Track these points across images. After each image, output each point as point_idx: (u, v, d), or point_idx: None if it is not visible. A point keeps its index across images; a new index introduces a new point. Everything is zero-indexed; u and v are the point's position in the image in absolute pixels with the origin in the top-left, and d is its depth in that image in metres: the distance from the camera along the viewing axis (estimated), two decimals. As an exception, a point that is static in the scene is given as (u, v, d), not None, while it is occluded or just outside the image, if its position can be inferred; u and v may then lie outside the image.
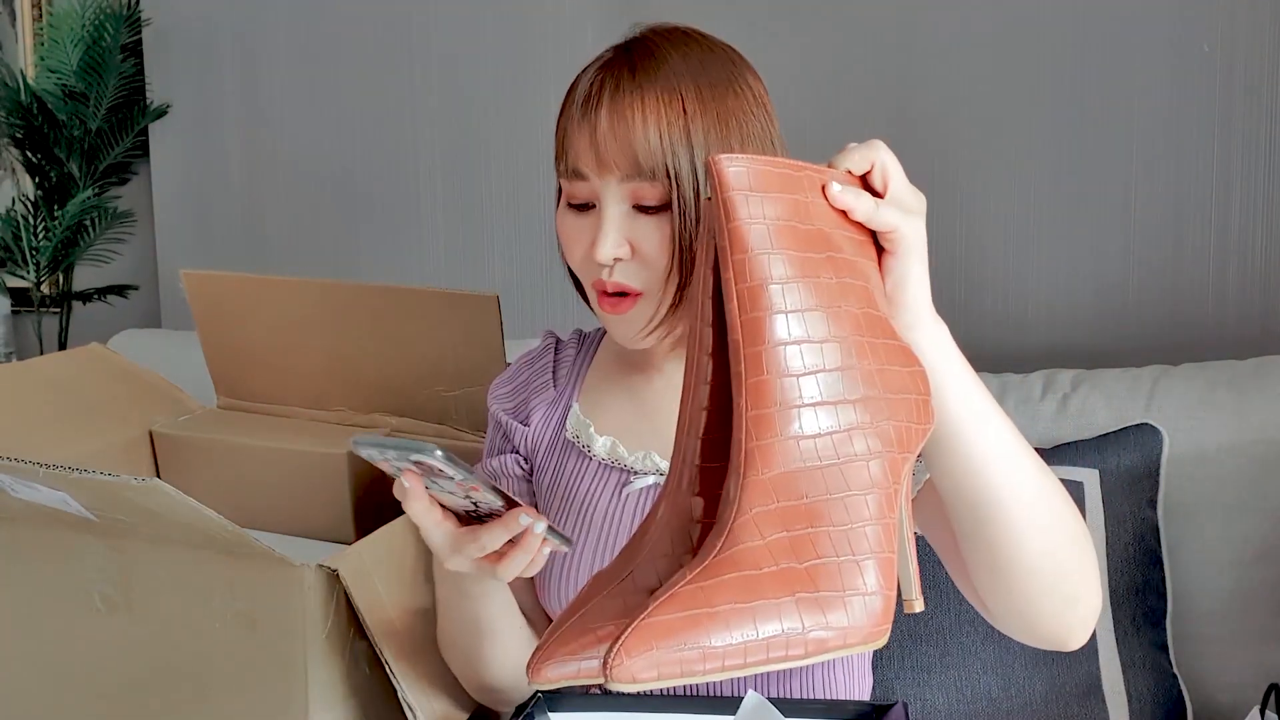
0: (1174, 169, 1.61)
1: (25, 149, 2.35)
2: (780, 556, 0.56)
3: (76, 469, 0.87)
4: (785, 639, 0.55)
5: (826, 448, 0.58)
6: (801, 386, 0.58)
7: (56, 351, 2.25)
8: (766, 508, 0.57)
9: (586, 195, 0.88)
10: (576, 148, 0.87)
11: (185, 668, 0.99)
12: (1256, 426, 1.34)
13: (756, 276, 0.58)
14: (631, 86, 0.86)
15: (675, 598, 0.54)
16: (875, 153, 0.68)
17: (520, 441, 1.02)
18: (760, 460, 0.57)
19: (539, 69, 2.00)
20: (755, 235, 0.59)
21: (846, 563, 0.57)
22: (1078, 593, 0.77)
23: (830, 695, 0.97)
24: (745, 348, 0.58)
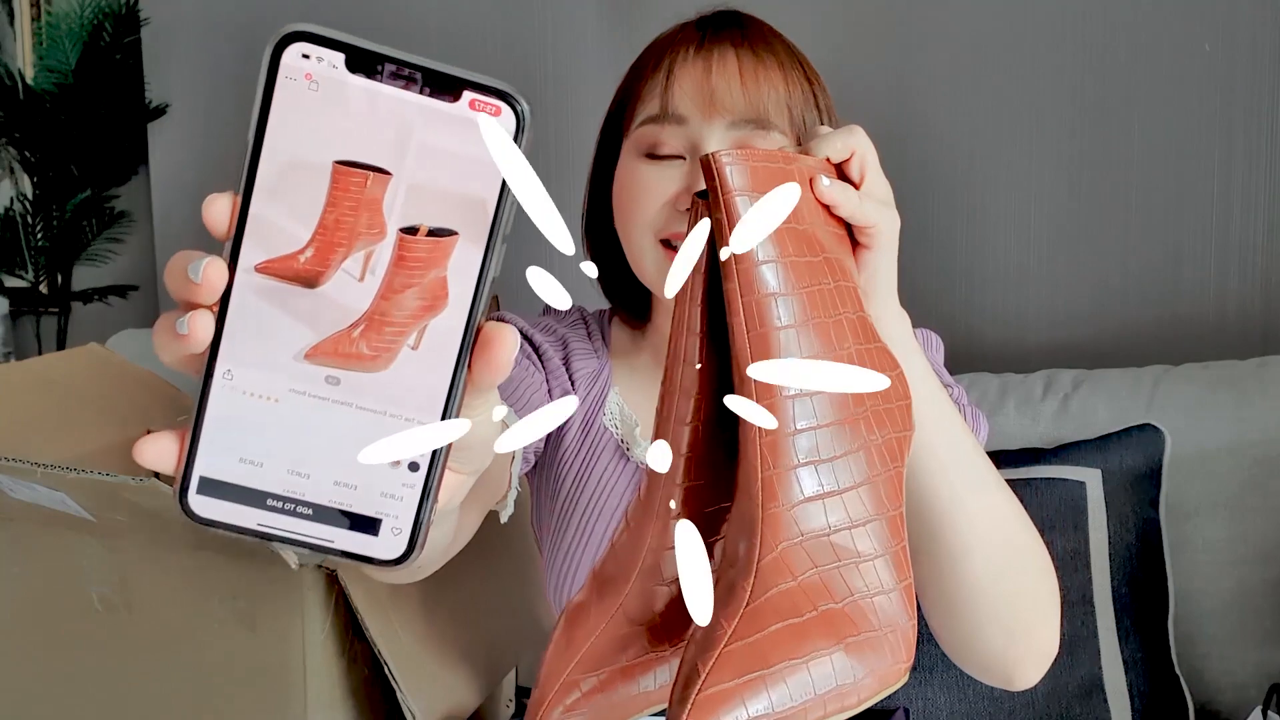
0: (1174, 169, 1.61)
1: (24, 148, 2.35)
2: (816, 598, 0.53)
3: (75, 469, 0.87)
4: (839, 691, 0.52)
5: (829, 476, 0.54)
6: (804, 409, 0.54)
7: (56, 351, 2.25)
8: (791, 542, 0.53)
9: (678, 143, 0.83)
10: (682, 88, 0.83)
11: (184, 668, 0.99)
12: (1257, 426, 1.34)
13: (764, 289, 0.54)
14: (760, 36, 0.84)
15: (726, 660, 0.50)
16: (854, 139, 0.63)
17: (560, 395, 0.92)
18: (779, 490, 0.53)
19: (539, 69, 2.00)
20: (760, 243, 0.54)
21: (877, 597, 0.54)
22: (1027, 626, 0.72)
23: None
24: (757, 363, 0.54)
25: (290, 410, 0.40)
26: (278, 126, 0.39)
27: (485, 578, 1.12)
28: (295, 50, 0.40)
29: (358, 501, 0.41)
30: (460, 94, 0.39)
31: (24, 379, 1.38)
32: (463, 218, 0.40)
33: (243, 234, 0.39)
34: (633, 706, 0.58)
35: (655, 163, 0.84)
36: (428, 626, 1.03)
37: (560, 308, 0.44)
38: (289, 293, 0.39)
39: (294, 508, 0.41)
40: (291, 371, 0.40)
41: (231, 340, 0.40)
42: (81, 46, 2.31)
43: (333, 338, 0.40)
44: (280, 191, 0.39)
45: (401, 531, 0.41)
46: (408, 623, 1.01)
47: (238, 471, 0.40)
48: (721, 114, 0.82)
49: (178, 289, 0.40)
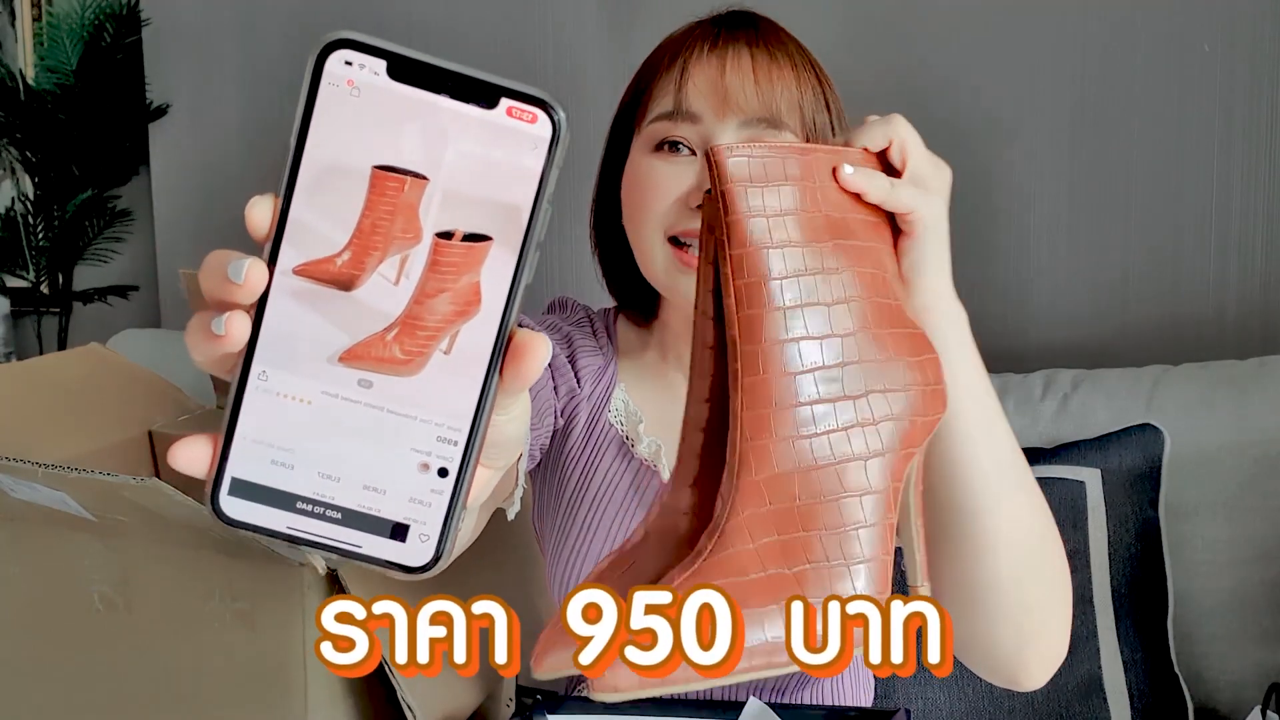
0: (1174, 169, 1.61)
1: (25, 148, 2.35)
2: (770, 562, 0.55)
3: (76, 469, 0.87)
4: (768, 648, 0.54)
5: (823, 448, 0.57)
6: (799, 385, 0.56)
7: (56, 351, 2.25)
8: (758, 510, 0.55)
9: (690, 141, 0.84)
10: (696, 86, 0.83)
11: (184, 668, 0.99)
12: (1257, 426, 1.34)
13: (755, 272, 0.57)
14: (773, 35, 0.85)
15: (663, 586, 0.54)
16: (892, 128, 0.64)
17: (565, 394, 0.93)
18: (754, 461, 0.55)
19: (539, 68, 2.00)
20: (755, 229, 0.57)
21: (837, 568, 0.56)
22: (1040, 629, 0.72)
23: (832, 701, 0.97)
24: (742, 344, 0.56)
25: (322, 413, 0.40)
26: (319, 131, 0.39)
27: (485, 576, 1.13)
28: (338, 57, 0.40)
29: (386, 507, 0.41)
30: (498, 101, 0.40)
31: (25, 379, 1.38)
32: (497, 224, 0.40)
33: (281, 236, 0.39)
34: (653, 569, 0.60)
35: (666, 159, 0.85)
36: (428, 626, 1.03)
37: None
38: (324, 295, 0.40)
39: (323, 511, 0.41)
40: (325, 374, 0.40)
41: (266, 342, 0.40)
42: (82, 47, 2.31)
43: (366, 341, 0.40)
44: (319, 195, 0.39)
45: (429, 538, 0.41)
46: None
47: (269, 474, 0.41)
48: (735, 112, 0.82)
49: (215, 289, 0.40)
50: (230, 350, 0.40)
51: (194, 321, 0.41)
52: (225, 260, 0.40)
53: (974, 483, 0.69)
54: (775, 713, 0.85)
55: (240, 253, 0.40)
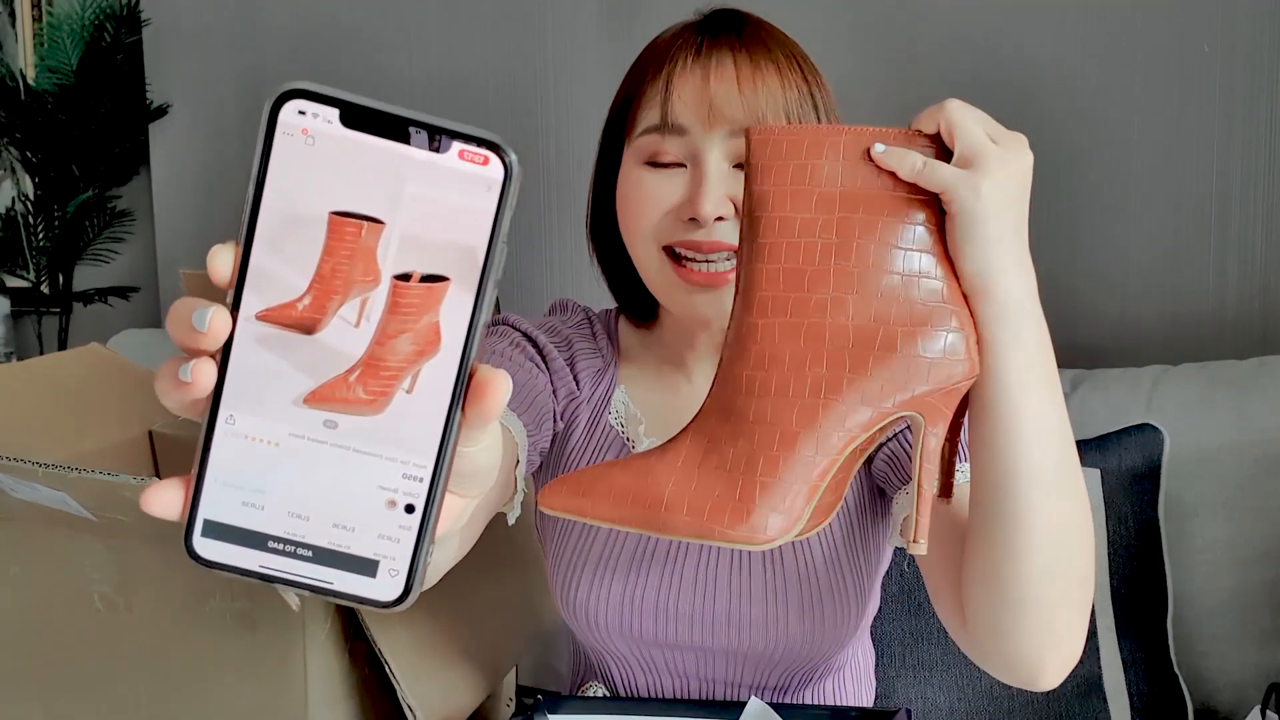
0: (1174, 169, 1.61)
1: (25, 149, 2.35)
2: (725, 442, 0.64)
3: (76, 469, 0.87)
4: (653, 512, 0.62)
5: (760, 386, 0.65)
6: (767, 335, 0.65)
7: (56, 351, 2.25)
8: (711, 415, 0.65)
9: (679, 152, 0.84)
10: (681, 98, 0.83)
11: (185, 668, 0.99)
12: (1256, 426, 1.34)
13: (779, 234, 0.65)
14: (757, 41, 0.84)
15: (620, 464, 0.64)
16: (942, 112, 0.65)
17: (565, 397, 0.93)
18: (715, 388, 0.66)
19: (540, 66, 2.00)
20: (772, 201, 0.65)
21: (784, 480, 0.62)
22: (1065, 633, 0.71)
23: (833, 701, 0.97)
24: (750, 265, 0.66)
25: (290, 454, 0.41)
26: (276, 180, 0.40)
27: (487, 577, 1.13)
28: (292, 107, 0.41)
29: (355, 544, 0.42)
30: (450, 145, 0.40)
31: (25, 379, 1.38)
32: (454, 265, 0.40)
33: (243, 283, 0.40)
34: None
35: (657, 171, 0.85)
36: (428, 626, 1.03)
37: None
38: (288, 340, 0.41)
39: (294, 550, 0.42)
40: (291, 416, 0.41)
41: (233, 386, 0.41)
42: (82, 47, 2.31)
43: (330, 383, 0.41)
44: (279, 242, 0.40)
45: (398, 573, 0.42)
46: (408, 622, 1.01)
47: (240, 514, 0.42)
48: (721, 123, 0.82)
49: (181, 337, 0.41)
50: (197, 397, 0.41)
51: (163, 369, 0.42)
52: (190, 309, 0.40)
53: (1020, 483, 0.67)
54: (777, 712, 0.85)
55: (205, 301, 0.41)
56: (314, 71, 2.19)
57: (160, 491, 0.42)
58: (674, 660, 0.93)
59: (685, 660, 0.93)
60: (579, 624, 0.94)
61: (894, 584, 1.28)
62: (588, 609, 0.92)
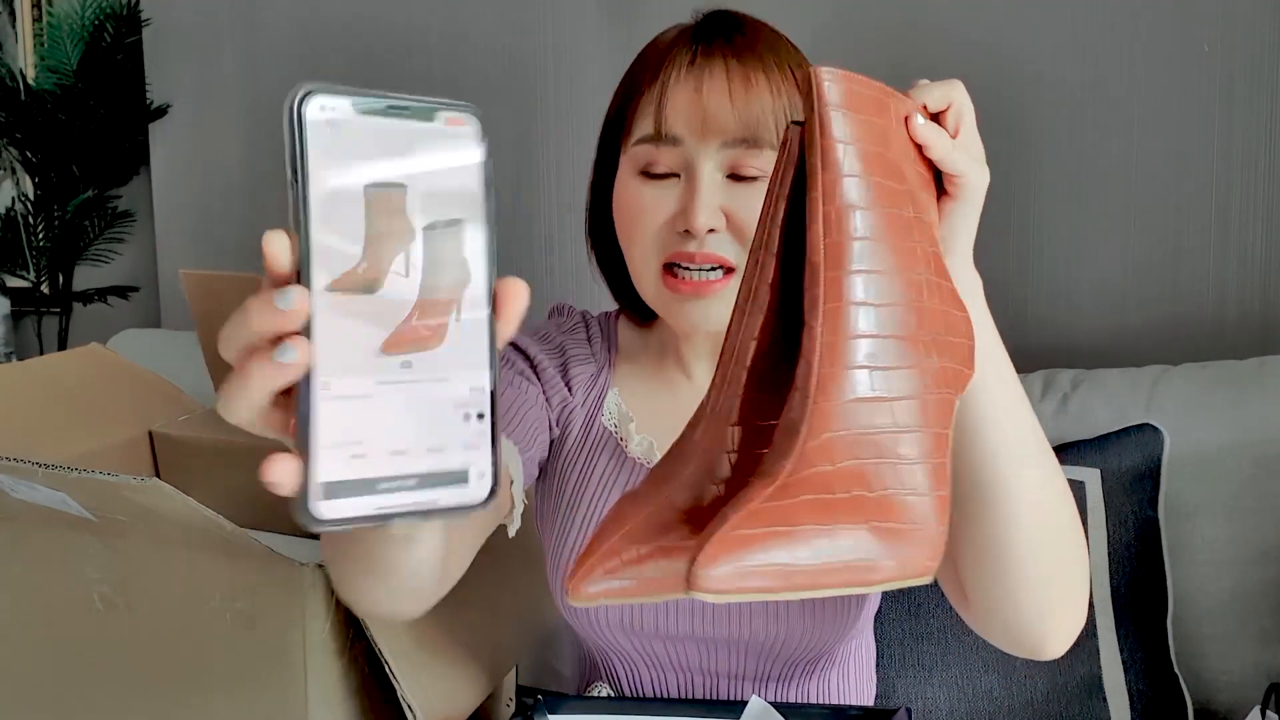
0: (1174, 169, 1.61)
1: (25, 149, 2.35)
2: (851, 484, 0.56)
3: (76, 469, 0.87)
4: (860, 564, 0.54)
5: (881, 382, 0.58)
6: (867, 317, 0.57)
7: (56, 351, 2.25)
8: (836, 434, 0.56)
9: (673, 162, 0.84)
10: (675, 109, 0.83)
11: (185, 667, 0.99)
12: (1256, 426, 1.34)
13: (844, 200, 0.57)
14: (748, 49, 0.83)
15: (754, 514, 0.53)
16: (954, 92, 0.65)
17: (559, 404, 0.94)
18: (832, 387, 0.56)
19: (539, 67, 2.00)
20: (847, 156, 0.58)
21: (910, 496, 0.57)
22: (1063, 600, 0.73)
23: (834, 700, 0.97)
24: (826, 271, 0.57)
25: (382, 400, 0.47)
26: (315, 167, 0.47)
27: (487, 577, 1.13)
28: (313, 104, 0.48)
29: (448, 460, 0.48)
30: (438, 115, 0.50)
31: (25, 379, 1.38)
32: (464, 208, 0.49)
33: (309, 262, 0.46)
34: (666, 585, 0.60)
35: (652, 182, 0.85)
36: (428, 626, 1.03)
37: None
38: (357, 301, 0.47)
39: (400, 484, 0.47)
40: (375, 367, 0.47)
41: (323, 355, 0.46)
42: (82, 47, 2.31)
43: (399, 328, 0.47)
44: (329, 219, 0.47)
45: (485, 474, 0.49)
46: (408, 623, 1.01)
47: (351, 468, 0.46)
48: (714, 134, 0.82)
49: (264, 324, 0.44)
50: (297, 376, 0.45)
51: (233, 378, 0.45)
52: (268, 296, 0.44)
53: (996, 449, 0.70)
54: (778, 711, 0.85)
55: (276, 287, 0.45)
56: (314, 71, 2.19)
57: (278, 464, 0.45)
58: (677, 653, 0.93)
59: (688, 653, 0.93)
60: (580, 621, 0.94)
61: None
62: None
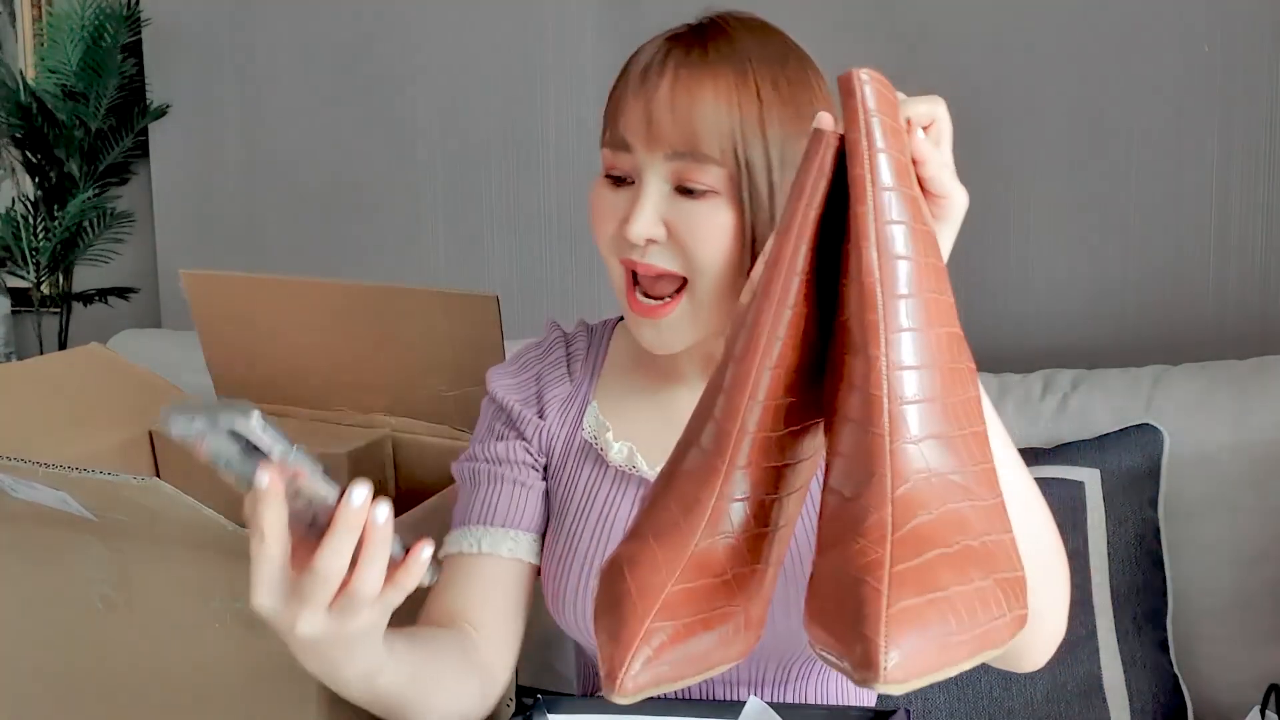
0: (1174, 169, 1.61)
1: (25, 149, 2.35)
2: (956, 533, 0.50)
3: (76, 469, 0.87)
4: (997, 625, 0.50)
5: (934, 419, 0.52)
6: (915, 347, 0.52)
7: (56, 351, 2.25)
8: (920, 477, 0.51)
9: (627, 169, 0.84)
10: (627, 116, 0.83)
11: (185, 668, 0.99)
12: (1256, 426, 1.34)
13: (890, 216, 0.52)
14: (701, 61, 0.81)
15: (901, 580, 0.47)
16: (938, 108, 0.63)
17: (534, 436, 0.97)
18: (907, 421, 0.51)
19: (539, 67, 2.00)
20: (887, 169, 0.53)
21: (1002, 537, 0.52)
22: (1040, 611, 0.71)
23: (834, 702, 0.97)
24: (885, 296, 0.51)
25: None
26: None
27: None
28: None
29: None
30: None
31: (24, 379, 1.38)
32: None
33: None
34: (712, 659, 0.56)
35: (613, 186, 0.86)
36: (428, 626, 1.03)
37: None
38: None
39: None
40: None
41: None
42: (83, 47, 2.31)
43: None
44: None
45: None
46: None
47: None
48: (660, 145, 0.81)
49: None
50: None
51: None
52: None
53: None
54: (776, 712, 0.85)
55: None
56: (314, 70, 2.19)
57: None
58: None
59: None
60: (572, 624, 0.94)
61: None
62: (575, 606, 0.92)
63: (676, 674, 0.54)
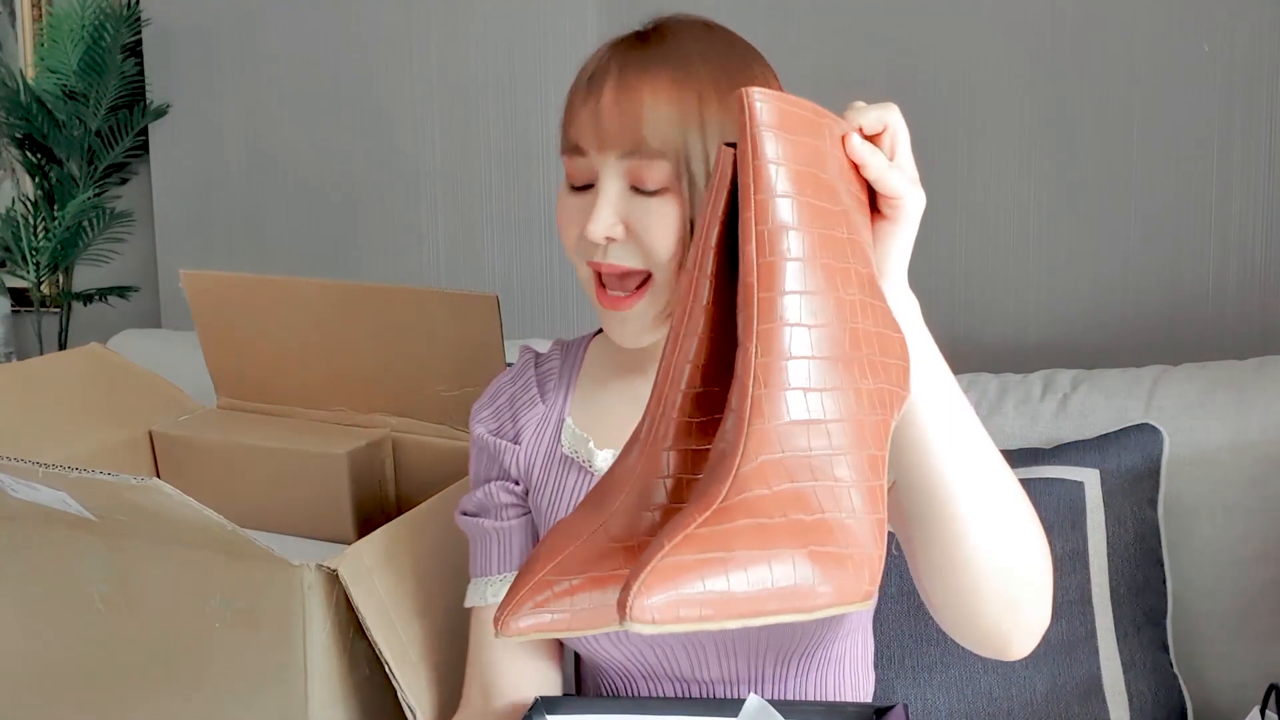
0: (1174, 169, 1.61)
1: (25, 149, 2.35)
2: (789, 508, 0.55)
3: (76, 469, 0.87)
4: (797, 590, 0.54)
5: (816, 404, 0.57)
6: (801, 339, 0.57)
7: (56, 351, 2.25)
8: (772, 456, 0.55)
9: (585, 174, 0.86)
10: (578, 122, 0.85)
11: (185, 668, 0.99)
12: (1256, 426, 1.34)
13: (776, 220, 0.57)
14: (641, 63, 0.84)
15: (690, 540, 0.52)
16: (889, 115, 0.65)
17: (511, 462, 0.98)
18: (767, 408, 0.56)
19: (539, 67, 2.00)
20: (780, 177, 0.57)
21: (848, 519, 0.56)
22: (1022, 600, 0.73)
23: (832, 697, 0.97)
24: (759, 292, 0.57)
25: None
26: None
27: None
28: None
29: None
30: None
31: (24, 379, 1.38)
32: None
33: None
34: (600, 617, 0.60)
35: (574, 193, 0.88)
36: (428, 626, 1.03)
37: None
38: None
39: None
40: None
41: None
42: (83, 47, 2.31)
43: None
44: None
45: None
46: (408, 622, 1.01)
47: None
48: (610, 146, 0.83)
49: None
50: None
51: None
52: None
53: (941, 469, 0.70)
54: (775, 708, 0.85)
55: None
56: (314, 70, 2.19)
57: None
58: (668, 661, 0.93)
59: (679, 660, 0.93)
60: None
61: (893, 585, 1.27)
62: None
63: (564, 625, 0.59)
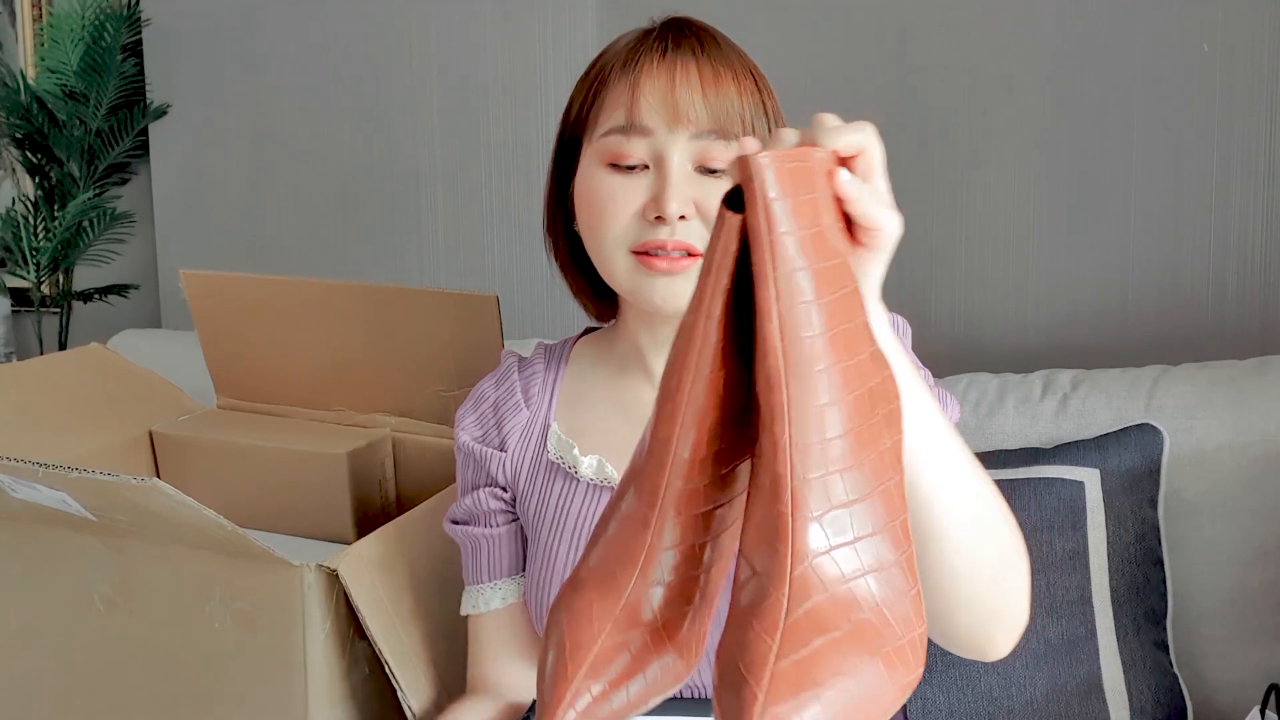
0: (1174, 169, 1.61)
1: (25, 149, 2.35)
2: (849, 611, 0.53)
3: (76, 469, 0.87)
4: (878, 698, 0.53)
5: (850, 486, 0.54)
6: (830, 420, 0.53)
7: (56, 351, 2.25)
8: (820, 555, 0.53)
9: (644, 154, 0.85)
10: (647, 99, 0.85)
11: (185, 667, 0.99)
12: (1256, 426, 1.34)
13: (799, 296, 0.53)
14: (715, 49, 0.87)
15: (780, 680, 0.50)
16: (865, 138, 0.61)
17: (497, 470, 0.98)
18: (811, 500, 0.52)
19: (539, 68, 2.00)
20: (793, 249, 0.53)
21: (897, 602, 0.55)
22: (1000, 602, 0.74)
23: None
24: (789, 377, 0.53)
25: None
26: None
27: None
28: None
29: None
30: None
31: (25, 379, 1.38)
32: None
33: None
34: (645, 698, 0.59)
35: (620, 174, 0.86)
36: (428, 626, 1.03)
37: None
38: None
39: None
40: None
41: None
42: (83, 47, 2.31)
43: None
44: None
45: None
46: (408, 623, 1.01)
47: None
48: (686, 125, 0.84)
49: None
50: None
51: None
52: None
53: (918, 477, 0.69)
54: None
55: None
56: (314, 70, 2.19)
57: None
58: None
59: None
60: None
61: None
62: None
63: (617, 717, 0.57)
